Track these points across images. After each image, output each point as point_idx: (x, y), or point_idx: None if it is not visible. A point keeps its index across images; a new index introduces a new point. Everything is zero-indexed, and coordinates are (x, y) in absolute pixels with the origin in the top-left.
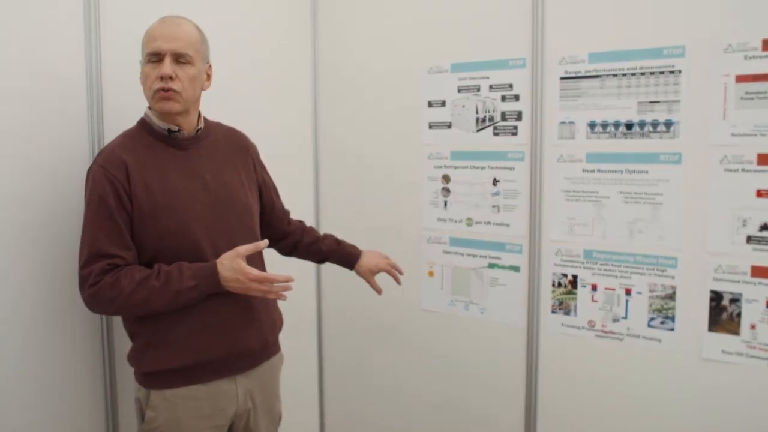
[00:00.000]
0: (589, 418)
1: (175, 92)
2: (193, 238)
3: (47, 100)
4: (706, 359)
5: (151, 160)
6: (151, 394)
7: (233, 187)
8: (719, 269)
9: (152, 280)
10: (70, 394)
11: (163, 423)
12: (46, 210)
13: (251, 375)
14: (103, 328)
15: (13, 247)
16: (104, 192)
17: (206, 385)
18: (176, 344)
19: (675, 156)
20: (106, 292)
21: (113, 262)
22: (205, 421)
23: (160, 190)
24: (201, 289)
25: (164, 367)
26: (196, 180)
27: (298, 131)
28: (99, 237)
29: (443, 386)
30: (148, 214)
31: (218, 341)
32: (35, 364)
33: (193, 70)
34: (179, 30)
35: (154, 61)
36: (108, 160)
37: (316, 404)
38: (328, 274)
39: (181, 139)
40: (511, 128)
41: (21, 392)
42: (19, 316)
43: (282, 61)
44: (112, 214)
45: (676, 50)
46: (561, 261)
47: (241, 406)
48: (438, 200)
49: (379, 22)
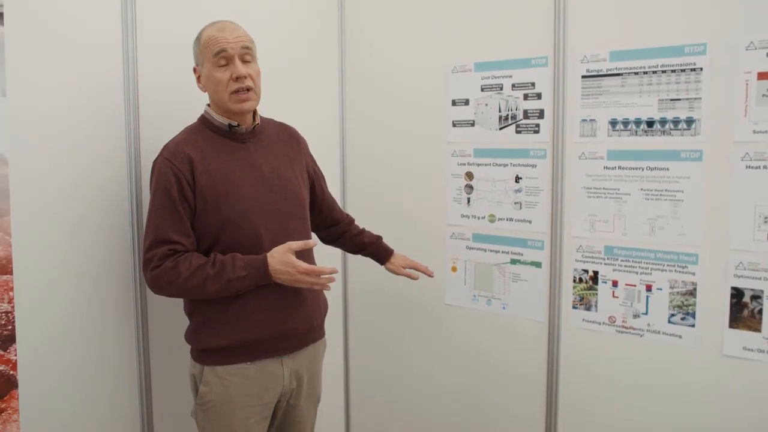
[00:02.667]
0: (608, 412)
1: (252, 90)
2: (251, 225)
3: (87, 101)
4: (727, 356)
5: (213, 153)
6: (205, 370)
7: (288, 178)
8: (740, 266)
9: (207, 268)
10: (108, 374)
11: (215, 398)
12: (86, 207)
13: (297, 357)
14: (138, 318)
15: (58, 242)
16: (169, 183)
17: (255, 364)
18: (228, 324)
19: (696, 153)
20: (166, 275)
21: (174, 248)
22: (254, 399)
23: (223, 180)
24: (251, 279)
25: (216, 344)
26: (255, 171)
27: (327, 131)
28: (162, 224)
29: (466, 378)
30: (211, 203)
31: (266, 322)
32: (78, 348)
33: (257, 66)
34: (240, 31)
35: (223, 65)
36: (173, 154)
37: (342, 392)
38: (354, 269)
39: (240, 134)
40: (533, 126)
41: (67, 377)
42: (63, 306)
43: (311, 65)
44: (174, 204)
45: (698, 48)
46: (582, 257)
47: (287, 386)
48: (461, 197)
49: (404, 25)
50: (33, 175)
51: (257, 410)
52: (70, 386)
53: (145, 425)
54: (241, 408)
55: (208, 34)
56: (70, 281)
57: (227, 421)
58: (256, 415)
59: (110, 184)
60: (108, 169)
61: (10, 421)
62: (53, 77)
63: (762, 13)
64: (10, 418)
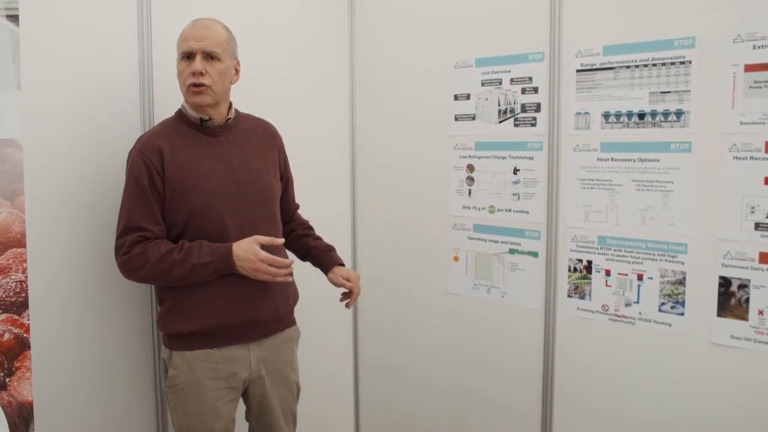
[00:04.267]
0: (601, 397)
1: (206, 86)
2: (218, 216)
3: (104, 96)
4: (715, 344)
5: (184, 146)
6: (174, 355)
7: (258, 171)
8: (728, 255)
9: (174, 254)
10: (123, 363)
11: (183, 381)
12: (96, 189)
13: (264, 344)
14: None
15: (68, 220)
16: (140, 173)
17: (221, 350)
18: (195, 310)
19: (685, 145)
20: (136, 260)
21: (144, 234)
22: (221, 382)
23: (191, 172)
24: (215, 266)
25: (184, 329)
26: (223, 164)
27: (338, 127)
28: (133, 212)
29: (467, 364)
30: (179, 194)
31: (232, 309)
32: (93, 338)
33: (222, 66)
34: (208, 31)
35: (187, 59)
36: (146, 146)
37: (351, 373)
38: (364, 263)
39: (211, 128)
40: (531, 119)
41: (76, 339)
42: (80, 293)
43: (323, 66)
44: (145, 192)
45: (687, 41)
46: (577, 247)
47: (254, 372)
48: (463, 188)
49: (410, 25)
50: (45, 159)
51: (224, 392)
52: (78, 347)
53: (157, 380)
54: (209, 391)
55: (182, 31)
56: (79, 254)
57: (196, 404)
58: (224, 397)
59: (120, 169)
60: (120, 153)
61: (24, 378)
62: (65, 72)
63: (749, 7)
64: (23, 376)
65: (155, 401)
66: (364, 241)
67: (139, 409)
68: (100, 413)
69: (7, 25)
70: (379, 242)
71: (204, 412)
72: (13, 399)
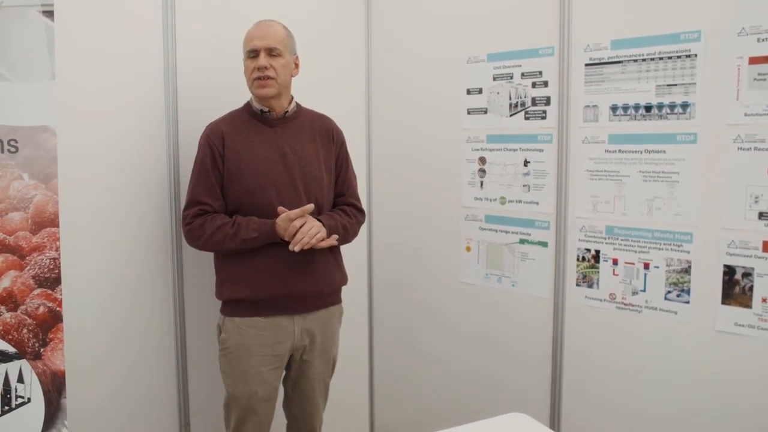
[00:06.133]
0: (608, 381)
1: (271, 78)
2: (267, 197)
3: (131, 85)
4: (720, 331)
5: (244, 133)
6: (226, 320)
7: (308, 159)
8: (732, 244)
9: (227, 228)
10: (147, 335)
11: (233, 344)
12: (126, 173)
13: (309, 317)
14: (174, 265)
15: (98, 201)
16: (204, 154)
17: (267, 318)
18: (244, 280)
19: (691, 136)
20: (195, 231)
21: (204, 208)
22: (267, 349)
23: (246, 156)
24: (261, 240)
25: (234, 297)
26: (277, 152)
27: (354, 120)
28: (197, 188)
29: (479, 349)
30: (235, 174)
31: (277, 283)
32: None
33: (283, 61)
34: (269, 30)
35: (252, 57)
36: (212, 130)
37: (366, 357)
38: (379, 253)
39: (270, 119)
40: (541, 113)
41: (105, 312)
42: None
43: (341, 60)
44: (207, 171)
45: (693, 35)
46: (585, 237)
47: (297, 341)
48: (475, 180)
49: (424, 20)
50: (77, 145)
51: (270, 360)
52: (106, 320)
53: (179, 352)
54: (255, 356)
55: (247, 32)
56: (107, 234)
57: (243, 366)
58: (269, 364)
59: (145, 154)
60: (149, 161)
61: (57, 349)
62: (96, 63)
63: (753, 1)
64: (56, 347)
65: (176, 371)
66: (379, 231)
67: (160, 378)
68: (126, 382)
69: (43, 20)
70: (393, 232)
71: (249, 376)
72: (47, 368)
